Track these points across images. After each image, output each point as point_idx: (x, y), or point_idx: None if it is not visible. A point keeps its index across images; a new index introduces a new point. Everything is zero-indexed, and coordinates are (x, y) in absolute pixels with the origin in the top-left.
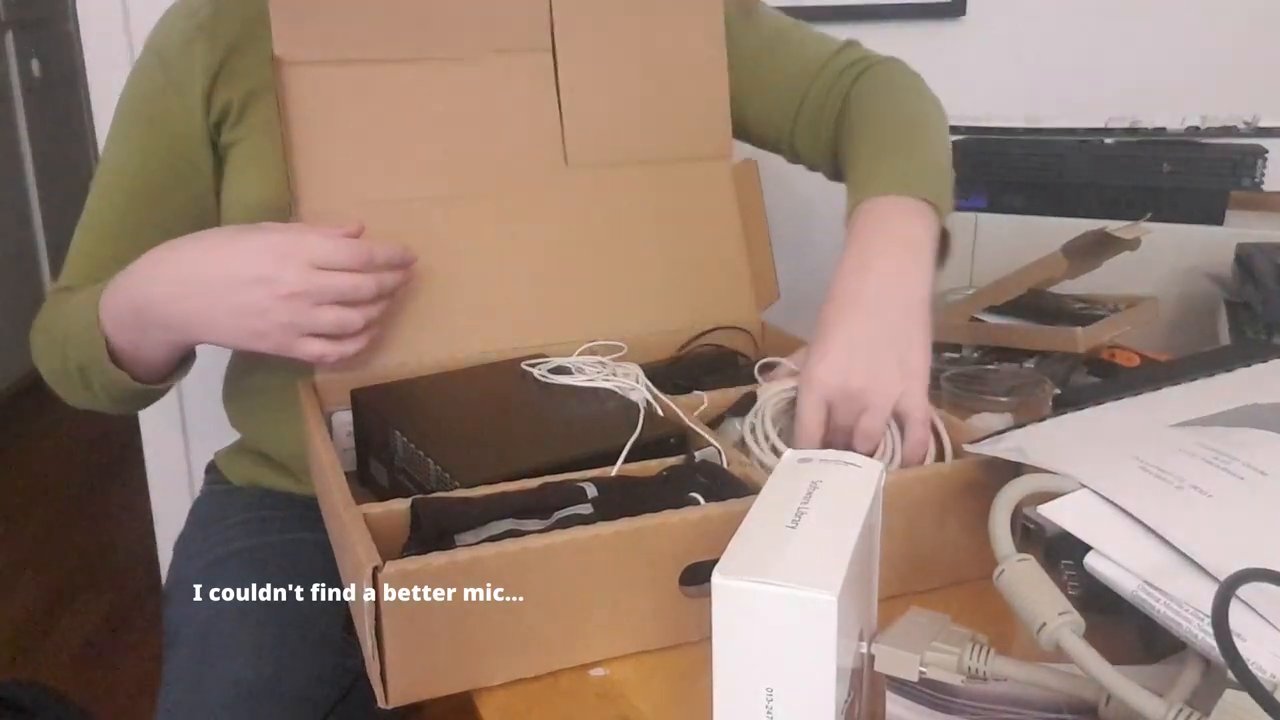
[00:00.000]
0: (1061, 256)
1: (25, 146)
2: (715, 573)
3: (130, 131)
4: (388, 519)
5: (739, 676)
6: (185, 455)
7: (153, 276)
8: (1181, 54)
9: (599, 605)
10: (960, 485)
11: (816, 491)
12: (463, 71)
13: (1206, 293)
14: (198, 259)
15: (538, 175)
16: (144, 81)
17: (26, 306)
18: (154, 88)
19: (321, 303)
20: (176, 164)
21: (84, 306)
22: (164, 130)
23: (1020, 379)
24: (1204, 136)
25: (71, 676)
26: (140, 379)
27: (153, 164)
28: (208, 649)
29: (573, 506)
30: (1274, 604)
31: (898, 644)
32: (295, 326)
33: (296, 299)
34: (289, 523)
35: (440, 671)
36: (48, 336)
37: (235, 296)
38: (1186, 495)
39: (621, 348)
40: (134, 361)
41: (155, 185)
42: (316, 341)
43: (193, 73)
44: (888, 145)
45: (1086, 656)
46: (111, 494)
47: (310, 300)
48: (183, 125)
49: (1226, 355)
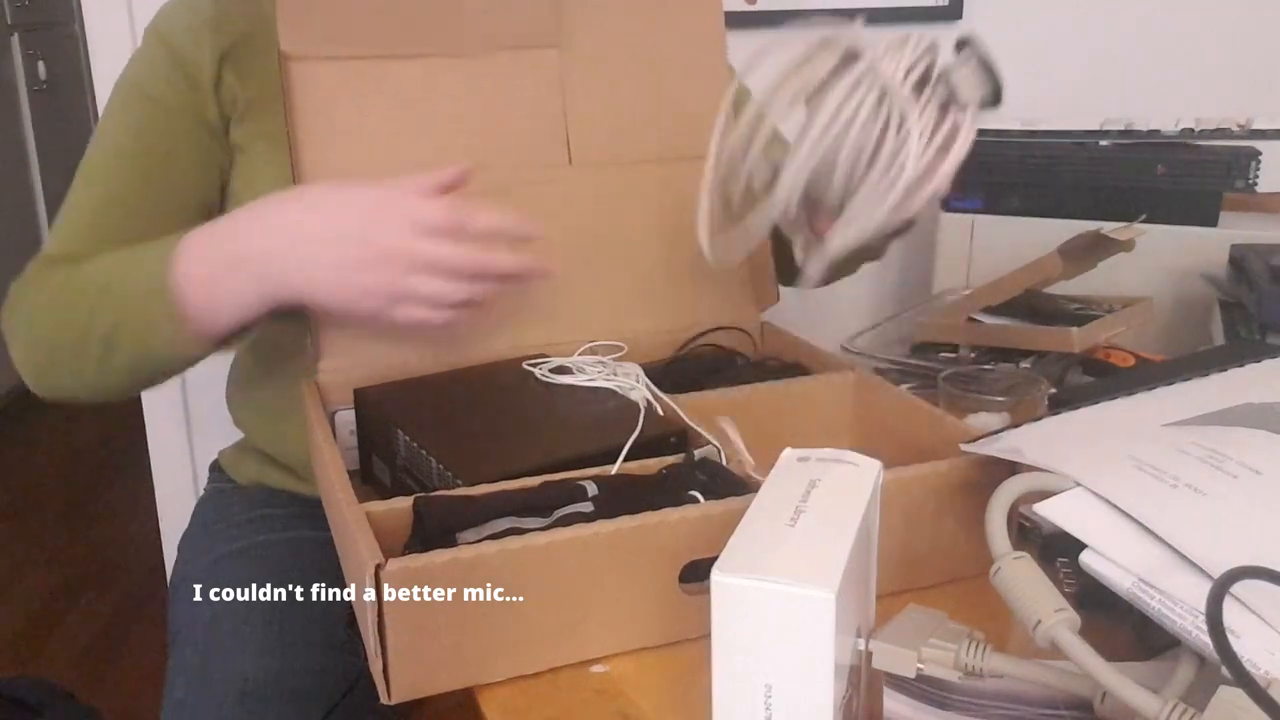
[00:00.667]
0: (1057, 257)
1: (31, 148)
2: (714, 570)
3: (131, 108)
4: (390, 517)
5: (737, 673)
6: (190, 454)
7: (256, 229)
8: (1176, 56)
9: (599, 602)
10: (957, 484)
11: (815, 489)
12: (468, 68)
13: (1201, 293)
14: (304, 213)
15: (541, 173)
16: (146, 64)
17: None
18: (157, 70)
19: (415, 269)
20: (178, 140)
21: (142, 260)
22: (167, 108)
23: (1016, 379)
24: (1198, 138)
25: (76, 674)
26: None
27: (152, 138)
28: (213, 646)
29: (574, 505)
30: (1268, 601)
31: (895, 641)
32: (392, 289)
33: (391, 262)
34: (292, 521)
35: (442, 668)
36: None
37: (336, 250)
38: (1181, 493)
39: (622, 348)
40: (199, 319)
41: (158, 158)
42: (417, 308)
43: (200, 60)
44: None
45: (1082, 653)
46: (116, 493)
47: (403, 265)
48: (189, 105)
49: (1221, 355)
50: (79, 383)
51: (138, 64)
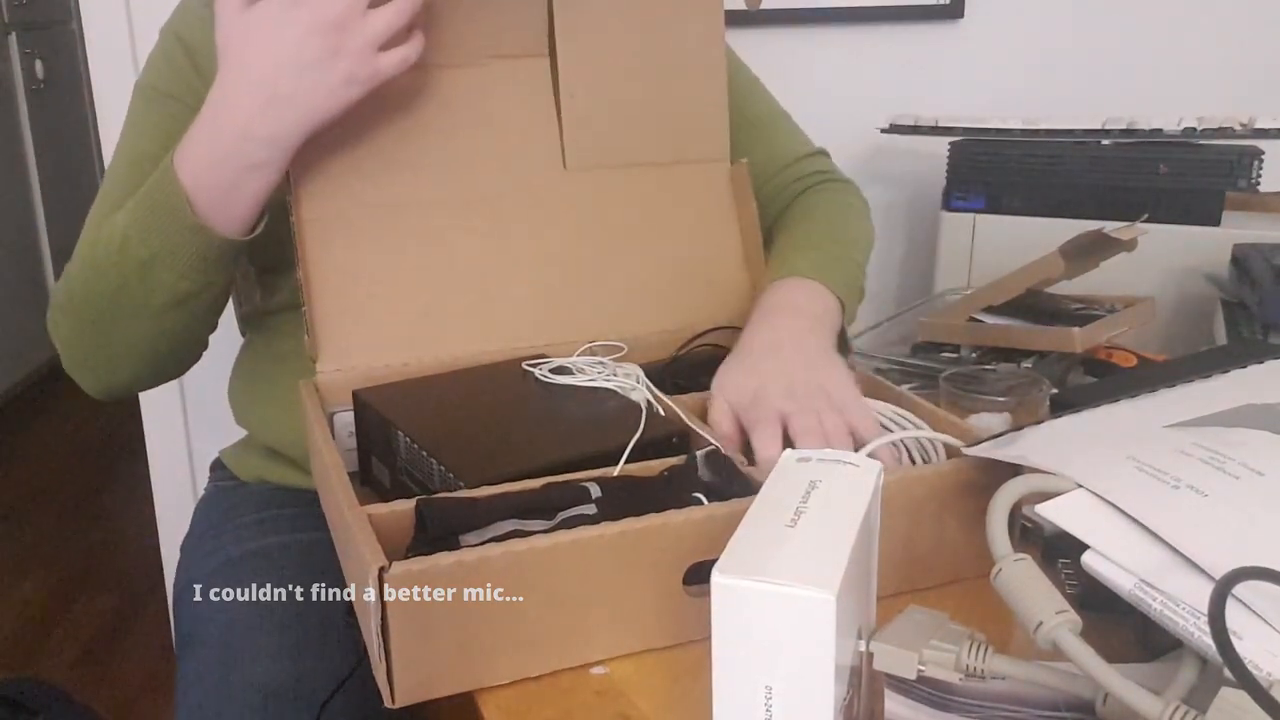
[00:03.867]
0: (1059, 257)
1: (29, 148)
2: (714, 571)
3: (151, 110)
4: (392, 519)
5: (738, 675)
6: (188, 455)
7: (228, 104)
8: (1178, 55)
9: (602, 604)
10: (959, 485)
11: (815, 491)
12: (462, 76)
13: (1203, 293)
14: (253, 61)
15: (537, 178)
16: (163, 61)
17: (30, 306)
18: (176, 69)
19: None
20: None
21: (147, 192)
22: (188, 108)
23: (1018, 379)
24: (1200, 138)
25: (74, 675)
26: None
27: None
28: (228, 651)
29: (576, 507)
30: (1270, 602)
31: (896, 642)
32: (366, 46)
33: (346, 20)
34: (300, 521)
35: (445, 671)
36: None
37: (304, 57)
38: (1183, 495)
39: (622, 348)
40: (222, 211)
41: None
42: (393, 51)
43: (214, 58)
44: (811, 243)
45: (1084, 655)
46: (113, 494)
47: (356, 10)
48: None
49: (1223, 355)
50: (135, 350)
51: (154, 64)
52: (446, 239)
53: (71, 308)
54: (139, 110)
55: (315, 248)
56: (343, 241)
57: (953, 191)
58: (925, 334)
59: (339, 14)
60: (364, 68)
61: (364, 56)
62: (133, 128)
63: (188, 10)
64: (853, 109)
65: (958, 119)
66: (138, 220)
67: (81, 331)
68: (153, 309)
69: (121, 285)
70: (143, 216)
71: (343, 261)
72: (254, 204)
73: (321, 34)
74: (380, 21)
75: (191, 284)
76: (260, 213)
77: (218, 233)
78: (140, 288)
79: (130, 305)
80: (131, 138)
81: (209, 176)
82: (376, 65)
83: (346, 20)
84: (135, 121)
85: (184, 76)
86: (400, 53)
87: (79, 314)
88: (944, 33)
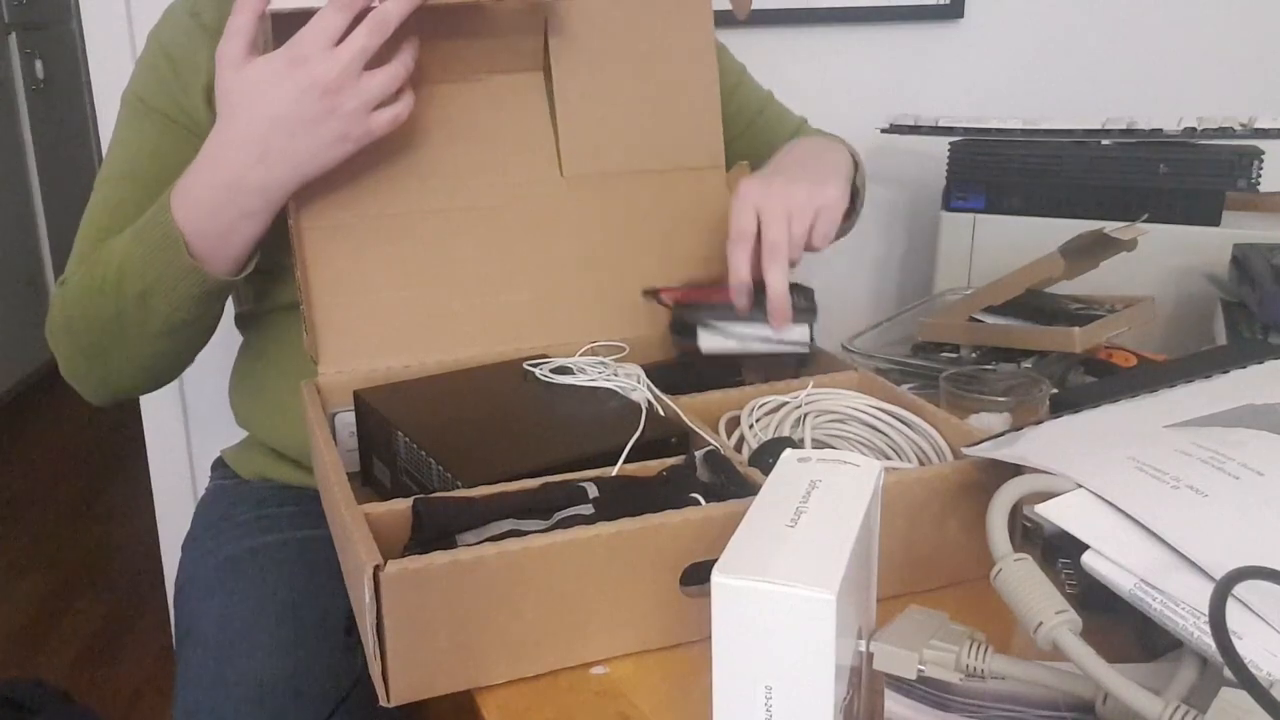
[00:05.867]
0: (1059, 257)
1: (29, 148)
2: (714, 571)
3: (139, 124)
4: (389, 518)
5: (738, 674)
6: (188, 455)
7: (224, 155)
8: (1178, 55)
9: (599, 605)
10: (959, 485)
11: (815, 491)
12: (460, 91)
13: (1203, 293)
14: (250, 117)
15: (535, 185)
16: (150, 75)
17: (29, 307)
18: (161, 81)
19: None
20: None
21: (144, 228)
22: (173, 122)
23: (1018, 379)
24: (1201, 138)
25: (73, 676)
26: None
27: (164, 154)
28: (225, 648)
29: (574, 507)
30: (1270, 602)
31: (896, 642)
32: (360, 108)
33: (343, 83)
34: (300, 519)
35: (442, 670)
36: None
37: (300, 116)
38: (1183, 495)
39: (623, 348)
40: (216, 253)
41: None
42: (385, 110)
43: (199, 65)
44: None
45: (1084, 655)
46: (113, 493)
47: (352, 74)
48: (188, 118)
49: (1223, 356)
50: (133, 365)
51: (141, 74)
52: (447, 244)
53: (70, 329)
54: (126, 123)
55: (314, 252)
56: (342, 246)
57: (953, 191)
58: (925, 334)
59: (336, 77)
60: (357, 128)
61: (357, 117)
62: (120, 144)
63: (174, 19)
64: (853, 109)
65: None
66: (135, 256)
67: (79, 351)
68: (149, 335)
69: (118, 313)
70: (140, 252)
71: (342, 264)
72: (247, 247)
73: (318, 95)
74: (375, 85)
75: (187, 314)
76: (253, 253)
77: (212, 273)
78: (137, 316)
79: (127, 331)
80: (118, 153)
81: (204, 223)
82: (369, 125)
83: (343, 83)
84: (122, 137)
85: (169, 90)
86: (392, 111)
87: (76, 337)
88: (944, 33)
